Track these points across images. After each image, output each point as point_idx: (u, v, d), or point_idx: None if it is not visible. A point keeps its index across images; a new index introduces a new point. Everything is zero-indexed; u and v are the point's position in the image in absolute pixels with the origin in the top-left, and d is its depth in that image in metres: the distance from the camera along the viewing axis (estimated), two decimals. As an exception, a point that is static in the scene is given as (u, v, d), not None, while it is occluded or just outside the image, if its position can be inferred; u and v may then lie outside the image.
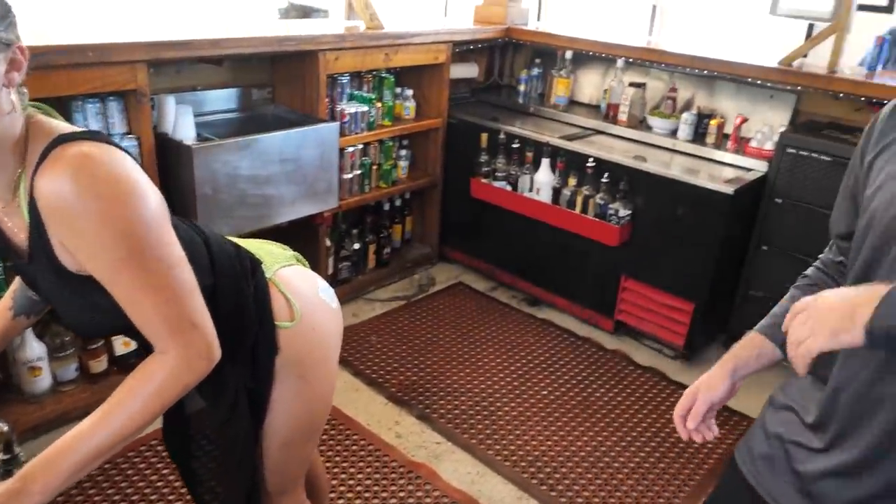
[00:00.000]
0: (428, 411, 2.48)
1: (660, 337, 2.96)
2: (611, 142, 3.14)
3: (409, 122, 3.33)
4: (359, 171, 3.12)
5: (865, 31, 3.00)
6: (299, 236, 2.82)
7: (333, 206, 2.86)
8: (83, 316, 1.03)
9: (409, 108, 3.34)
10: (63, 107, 2.15)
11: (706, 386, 1.12)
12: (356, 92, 3.09)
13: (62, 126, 0.96)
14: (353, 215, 3.35)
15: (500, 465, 2.25)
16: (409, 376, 2.68)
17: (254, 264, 1.20)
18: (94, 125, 2.15)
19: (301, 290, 1.24)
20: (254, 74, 2.86)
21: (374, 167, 3.23)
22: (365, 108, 3.03)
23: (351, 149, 3.02)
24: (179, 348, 0.96)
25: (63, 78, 1.96)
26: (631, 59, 3.22)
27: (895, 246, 0.91)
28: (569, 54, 3.41)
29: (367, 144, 3.15)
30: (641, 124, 3.19)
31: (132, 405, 0.94)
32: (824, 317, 0.80)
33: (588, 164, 2.89)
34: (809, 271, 1.19)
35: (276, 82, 2.92)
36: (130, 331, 1.00)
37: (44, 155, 0.90)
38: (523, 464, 2.27)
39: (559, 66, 3.48)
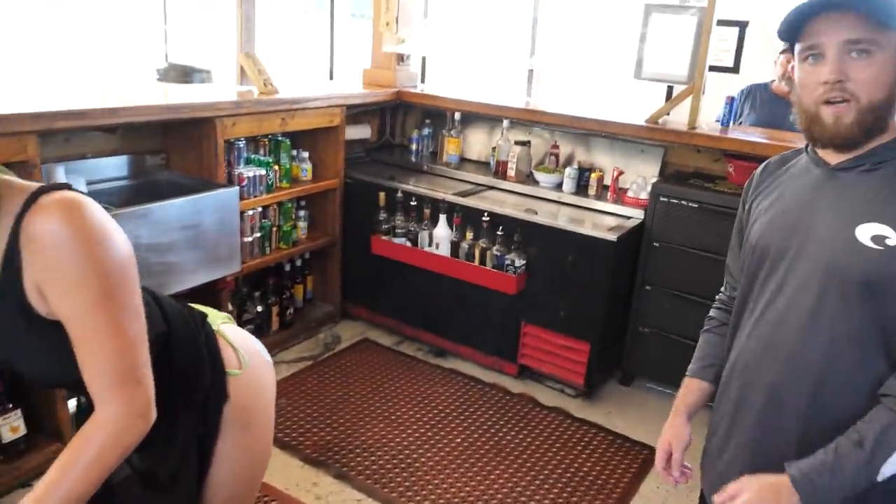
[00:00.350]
0: (346, 469, 2.47)
1: (561, 377, 3.12)
2: (502, 196, 3.34)
3: (306, 183, 3.37)
4: (259, 234, 3.11)
5: (719, 90, 3.40)
6: (201, 302, 2.75)
7: (236, 269, 2.83)
8: (41, 362, 1.04)
9: (306, 169, 3.39)
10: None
11: (675, 436, 1.32)
12: (253, 155, 3.11)
13: (26, 182, 1.00)
14: (254, 278, 3.32)
15: (423, 517, 2.28)
16: (322, 436, 2.66)
17: (201, 316, 1.24)
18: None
19: (242, 343, 1.28)
20: (146, 141, 2.82)
21: (275, 229, 3.23)
22: (263, 171, 3.05)
23: (251, 212, 3.03)
24: (121, 405, 0.98)
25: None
26: (515, 119, 3.46)
27: (763, 268, 1.15)
28: (458, 115, 3.61)
29: (266, 207, 3.16)
30: (529, 179, 3.42)
31: (79, 467, 0.94)
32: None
33: (483, 219, 3.06)
34: (713, 313, 1.45)
35: (169, 148, 2.89)
36: (79, 386, 1.00)
37: (27, 204, 0.94)
38: (445, 512, 2.31)
39: (449, 127, 3.67)
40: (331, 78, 5.56)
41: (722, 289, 1.42)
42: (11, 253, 0.97)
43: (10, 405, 2.19)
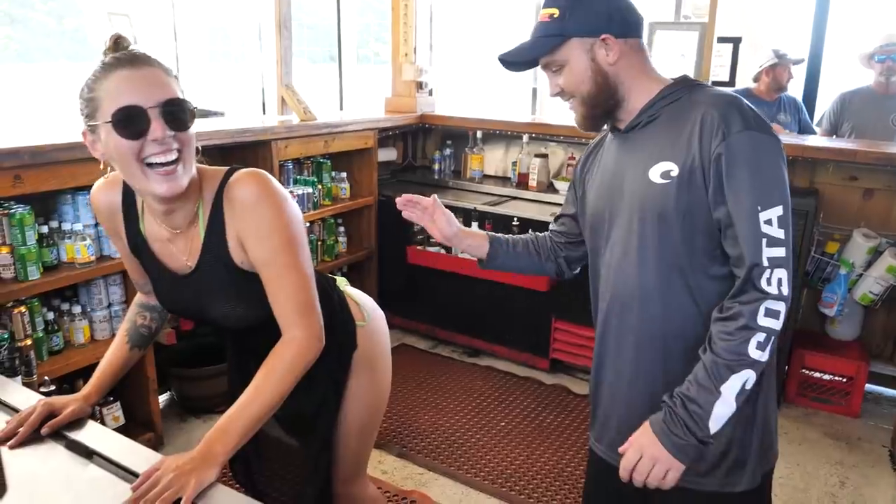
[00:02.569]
0: (406, 449, 2.72)
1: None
2: (525, 205, 3.63)
3: (345, 200, 3.67)
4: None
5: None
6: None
7: (292, 278, 3.10)
8: (236, 307, 1.30)
9: (344, 188, 3.69)
10: (53, 200, 2.33)
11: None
12: (299, 176, 3.41)
13: (217, 167, 1.30)
14: (301, 290, 3.58)
15: (481, 484, 2.52)
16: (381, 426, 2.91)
17: (332, 280, 1.53)
18: (86, 216, 2.35)
19: (364, 300, 1.57)
20: (209, 163, 3.11)
21: (319, 243, 3.52)
22: (309, 189, 3.35)
23: (301, 227, 3.31)
24: (304, 328, 1.25)
25: (65, 172, 2.17)
26: (534, 134, 3.78)
27: (600, 228, 1.37)
28: (479, 133, 3.93)
29: (311, 223, 3.45)
30: (549, 188, 3.72)
31: (273, 379, 1.21)
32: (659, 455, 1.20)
33: (514, 223, 3.34)
34: (540, 235, 1.61)
35: (226, 172, 3.18)
36: (262, 323, 1.28)
37: (226, 178, 1.25)
38: (500, 480, 2.55)
39: (471, 145, 3.98)
40: (340, 108, 5.91)
41: (552, 223, 1.61)
42: (215, 218, 1.26)
43: (111, 398, 2.44)
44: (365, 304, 1.56)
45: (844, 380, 3.19)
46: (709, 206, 1.20)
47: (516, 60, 1.32)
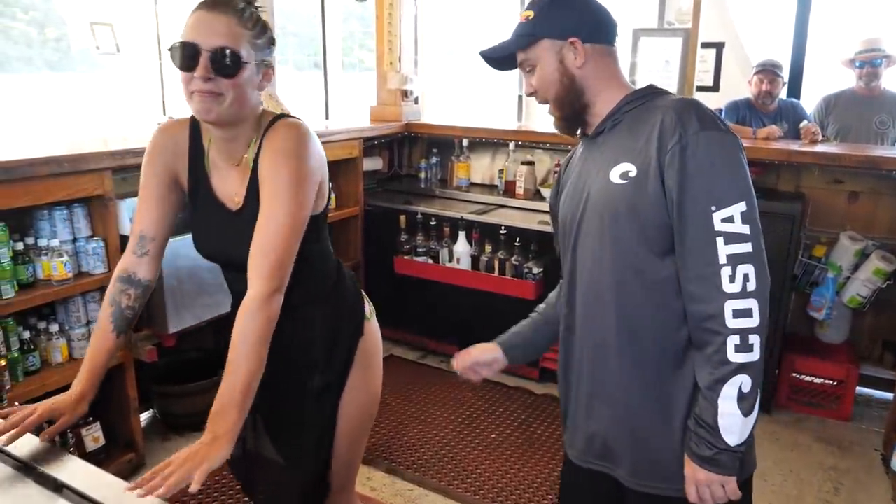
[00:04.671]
0: (394, 465, 2.68)
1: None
2: (513, 213, 3.60)
3: (331, 211, 3.61)
4: (292, 259, 3.35)
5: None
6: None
7: (276, 291, 3.06)
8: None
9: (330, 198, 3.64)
10: (29, 216, 2.27)
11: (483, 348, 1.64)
12: (283, 187, 3.36)
13: (271, 111, 1.39)
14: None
15: (472, 500, 2.48)
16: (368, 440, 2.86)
17: (345, 268, 1.57)
18: (63, 232, 2.28)
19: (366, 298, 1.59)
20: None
21: (305, 254, 3.47)
22: (293, 200, 3.30)
23: (285, 238, 3.26)
24: (266, 282, 1.25)
25: (40, 187, 2.11)
26: (520, 142, 3.75)
27: (570, 234, 1.38)
28: (465, 142, 3.90)
29: (296, 234, 3.40)
30: (536, 195, 3.70)
31: (246, 345, 1.23)
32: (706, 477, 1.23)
33: (501, 232, 3.31)
34: (548, 302, 1.68)
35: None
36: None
37: (271, 123, 1.35)
38: (492, 495, 2.51)
39: (458, 153, 3.95)
40: (326, 118, 5.88)
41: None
42: (257, 159, 1.34)
43: (91, 418, 2.38)
44: (368, 301, 1.58)
45: (835, 383, 3.18)
46: (665, 207, 1.22)
47: (493, 56, 1.39)
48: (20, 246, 2.24)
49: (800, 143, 3.38)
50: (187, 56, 1.26)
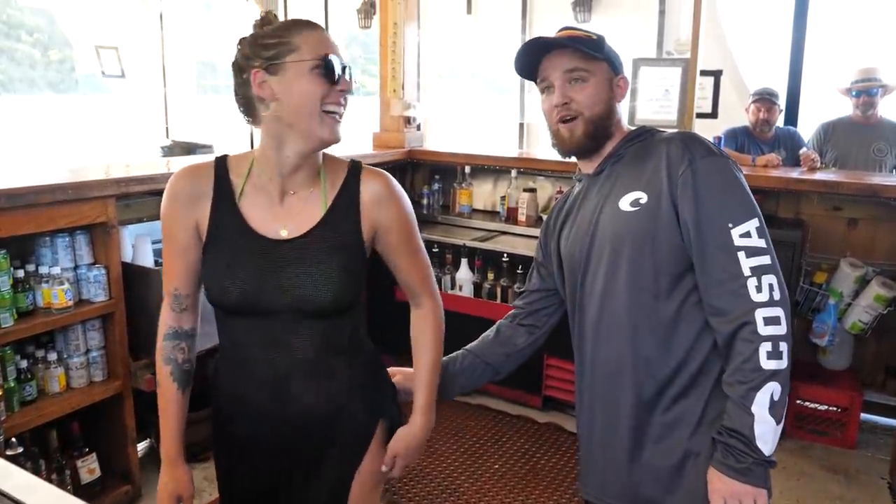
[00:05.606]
0: (396, 497, 2.63)
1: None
2: (515, 240, 3.60)
3: (332, 238, 3.61)
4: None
5: (702, 134, 3.73)
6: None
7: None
8: (340, 278, 1.30)
9: (330, 225, 3.64)
10: (30, 242, 2.26)
11: None
12: (284, 214, 3.36)
13: (338, 156, 1.44)
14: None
15: (476, 532, 2.44)
16: (368, 470, 2.82)
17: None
18: (64, 259, 2.27)
19: None
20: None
21: (305, 281, 3.45)
22: (295, 227, 3.30)
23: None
24: (434, 297, 1.49)
25: (44, 215, 2.10)
26: (522, 169, 3.77)
27: (577, 273, 1.40)
28: (468, 168, 3.91)
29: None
30: (538, 222, 3.70)
31: (435, 339, 1.50)
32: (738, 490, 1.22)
33: (503, 259, 3.31)
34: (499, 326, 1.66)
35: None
36: (321, 311, 1.32)
37: (355, 166, 1.37)
38: (496, 527, 2.47)
39: (460, 180, 3.96)
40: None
41: (528, 280, 1.68)
42: (345, 197, 1.34)
43: (87, 449, 2.34)
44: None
45: (839, 410, 3.15)
46: (678, 230, 1.26)
47: (555, 43, 1.34)
48: (20, 273, 2.22)
49: (799, 171, 3.40)
50: (332, 69, 1.24)
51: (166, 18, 6.29)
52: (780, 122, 4.08)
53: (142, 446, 2.84)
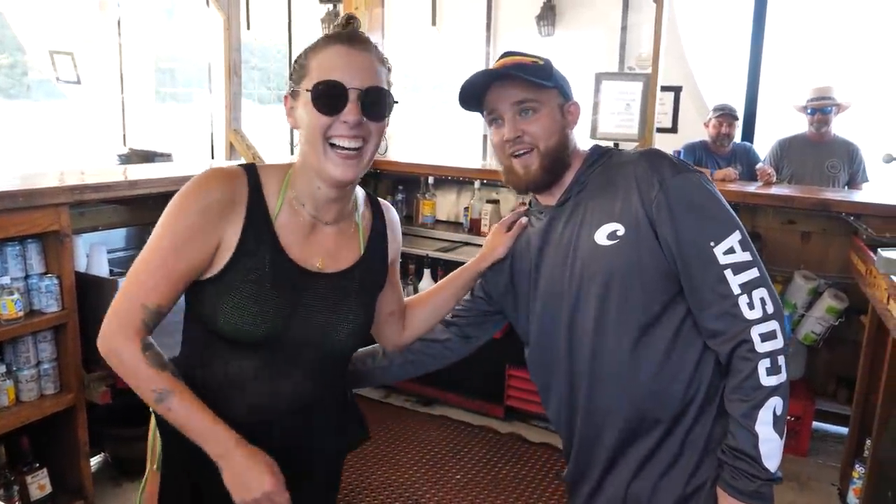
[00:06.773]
0: (358, 510, 2.61)
1: (547, 416, 3.33)
2: (477, 250, 3.56)
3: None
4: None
5: (661, 148, 3.81)
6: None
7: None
8: (357, 315, 1.26)
9: (293, 235, 3.60)
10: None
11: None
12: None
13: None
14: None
15: (437, 545, 2.43)
16: (329, 483, 2.79)
17: None
18: (14, 269, 2.20)
19: None
20: (153, 213, 2.99)
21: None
22: (256, 237, 3.25)
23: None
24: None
25: (-7, 223, 2.04)
26: (486, 181, 3.79)
27: (549, 314, 1.33)
28: (431, 179, 3.92)
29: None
30: (501, 233, 3.71)
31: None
32: None
33: (466, 269, 3.31)
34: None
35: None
36: (342, 345, 1.26)
37: (371, 199, 1.35)
38: (457, 539, 2.46)
39: (423, 190, 3.96)
40: (291, 153, 5.87)
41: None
42: (377, 229, 1.32)
43: (37, 464, 2.27)
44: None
45: (792, 419, 3.23)
46: (663, 255, 1.21)
47: (478, 82, 1.28)
48: (-32, 283, 2.15)
49: (755, 185, 3.49)
50: (331, 97, 1.10)
51: (124, 24, 6.16)
52: (737, 137, 4.18)
53: (95, 461, 2.77)
